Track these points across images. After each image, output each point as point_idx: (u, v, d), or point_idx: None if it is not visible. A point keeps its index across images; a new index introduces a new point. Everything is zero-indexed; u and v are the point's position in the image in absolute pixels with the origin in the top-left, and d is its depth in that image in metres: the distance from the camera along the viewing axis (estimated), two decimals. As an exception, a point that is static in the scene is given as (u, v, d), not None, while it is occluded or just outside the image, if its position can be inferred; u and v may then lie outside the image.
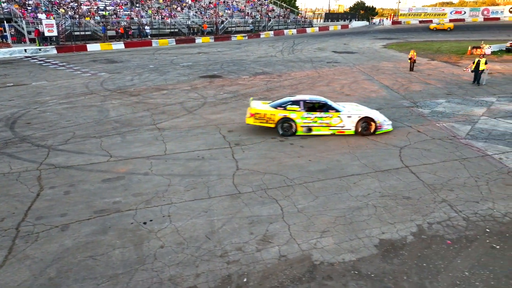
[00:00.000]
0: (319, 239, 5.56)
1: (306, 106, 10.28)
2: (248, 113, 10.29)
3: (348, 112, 10.39)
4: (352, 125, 10.24)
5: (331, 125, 10.23)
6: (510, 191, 7.04)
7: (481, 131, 10.55)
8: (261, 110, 10.24)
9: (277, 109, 10.23)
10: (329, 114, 10.18)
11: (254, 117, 10.17)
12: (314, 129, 10.24)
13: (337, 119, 10.18)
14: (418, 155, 8.80)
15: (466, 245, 5.47)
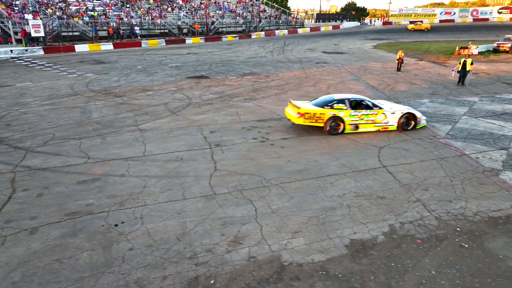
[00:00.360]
0: (290, 239, 5.56)
1: (351, 104, 10.44)
2: (296, 113, 10.20)
3: (391, 109, 10.76)
4: (395, 121, 10.60)
5: (376, 122, 10.54)
6: (484, 190, 7.10)
7: (461, 131, 10.65)
8: (311, 110, 10.22)
9: (324, 108, 10.30)
10: (374, 111, 10.47)
11: (304, 117, 10.14)
12: (360, 126, 10.46)
13: (382, 115, 10.51)
14: (397, 155, 8.84)
15: (435, 244, 5.50)
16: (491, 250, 5.36)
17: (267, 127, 11.04)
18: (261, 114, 12.53)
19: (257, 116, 12.34)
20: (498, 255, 5.25)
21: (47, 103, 14.14)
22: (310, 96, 15.49)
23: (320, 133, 10.41)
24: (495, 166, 8.19)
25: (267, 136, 10.19)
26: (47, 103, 14.22)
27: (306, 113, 10.13)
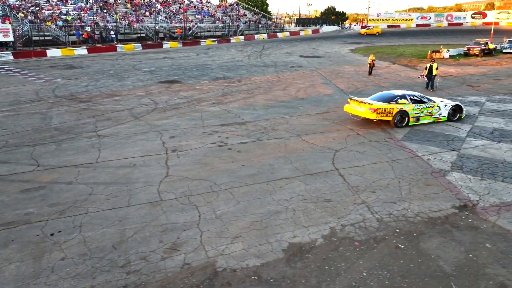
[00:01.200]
0: (228, 245, 5.52)
1: (412, 99, 11.58)
2: (368, 109, 11.07)
3: (441, 102, 12.12)
4: (446, 113, 11.93)
5: (432, 114, 11.78)
6: (429, 191, 7.23)
7: (418, 133, 10.85)
8: (382, 106, 11.17)
9: (391, 103, 11.30)
10: (431, 105, 11.74)
11: (376, 112, 11.01)
12: (421, 118, 11.63)
13: (437, 108, 11.81)
14: (351, 157, 8.94)
15: (372, 246, 5.55)
16: (425, 250, 5.45)
17: (229, 132, 11.02)
18: (225, 119, 12.50)
19: (221, 120, 12.31)
20: (430, 255, 5.34)
21: (7, 109, 13.76)
22: (278, 100, 15.59)
23: (279, 136, 10.46)
24: (444, 167, 8.36)
25: (226, 141, 10.16)
26: (8, 109, 13.84)
27: (379, 109, 11.08)
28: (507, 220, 6.20)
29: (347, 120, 12.33)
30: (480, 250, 5.45)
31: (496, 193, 7.13)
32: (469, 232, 5.91)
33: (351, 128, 11.35)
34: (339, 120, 12.21)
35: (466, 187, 7.37)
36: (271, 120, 12.33)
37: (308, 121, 12.22)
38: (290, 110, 13.67)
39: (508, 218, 6.25)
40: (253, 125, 11.76)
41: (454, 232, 5.90)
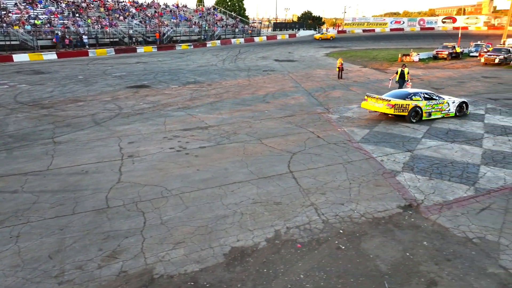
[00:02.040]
0: (169, 251, 5.46)
1: (424, 96, 12.60)
2: (386, 104, 11.95)
3: (450, 99, 13.17)
4: (453, 109, 12.99)
5: (442, 110, 12.80)
6: (377, 191, 7.37)
7: (376, 135, 11.08)
8: (399, 102, 12.11)
9: (406, 100, 12.28)
10: (441, 101, 12.76)
11: (394, 108, 11.97)
12: (432, 114, 12.62)
13: (446, 104, 12.86)
14: (308, 160, 9.02)
15: (314, 247, 5.60)
16: (365, 251, 5.53)
17: (190, 136, 10.95)
18: (188, 123, 12.42)
19: (184, 125, 12.22)
20: (369, 255, 5.42)
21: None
22: (245, 104, 15.63)
23: (240, 140, 10.48)
24: (396, 168, 8.55)
25: (185, 146, 10.09)
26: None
27: (396, 104, 12.00)
28: (446, 218, 6.38)
29: (310, 122, 12.47)
30: (417, 249, 5.58)
31: (441, 192, 7.33)
32: (410, 231, 6.04)
33: (312, 131, 11.48)
34: (302, 123, 12.33)
35: (414, 187, 7.55)
36: (235, 124, 12.33)
37: (271, 124, 12.29)
38: (255, 114, 13.72)
39: (448, 216, 6.43)
40: (215, 129, 11.73)
41: (395, 231, 6.03)
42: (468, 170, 8.40)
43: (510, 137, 10.81)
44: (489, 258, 5.32)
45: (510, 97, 16.79)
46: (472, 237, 5.84)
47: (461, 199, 7.03)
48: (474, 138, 10.71)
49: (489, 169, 8.46)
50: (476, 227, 6.10)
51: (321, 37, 55.40)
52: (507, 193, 7.27)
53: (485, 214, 6.52)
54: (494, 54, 30.34)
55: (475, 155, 9.31)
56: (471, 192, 7.32)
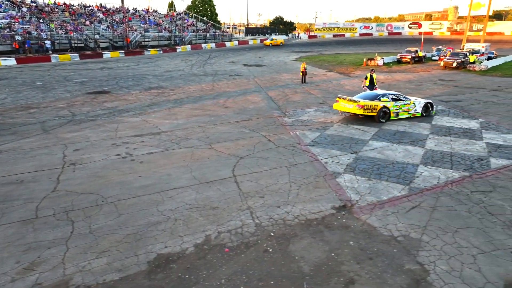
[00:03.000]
0: (92, 260, 5.32)
1: (392, 97, 13.23)
2: (357, 105, 12.53)
3: (416, 100, 13.86)
4: (420, 109, 13.68)
5: (409, 110, 13.47)
6: (315, 193, 7.48)
7: (326, 137, 11.27)
8: (368, 103, 12.67)
9: (375, 101, 12.84)
10: (407, 102, 13.45)
11: (363, 108, 12.53)
12: (400, 114, 13.25)
13: (413, 105, 13.54)
14: (253, 164, 9.06)
15: (242, 251, 5.60)
16: (291, 252, 5.58)
17: (139, 142, 10.78)
18: (141, 129, 12.23)
19: (136, 131, 12.02)
20: (295, 257, 5.48)
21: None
22: (204, 109, 15.56)
23: (189, 145, 10.41)
24: (338, 169, 8.71)
25: (132, 152, 9.92)
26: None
27: (366, 105, 12.58)
28: (377, 217, 6.55)
29: (264, 126, 12.55)
30: (343, 249, 5.68)
31: (376, 192, 7.53)
32: (339, 231, 6.15)
33: (265, 134, 11.55)
34: (256, 127, 12.39)
35: (352, 188, 7.71)
36: (189, 129, 12.25)
37: (225, 129, 12.28)
38: (212, 119, 13.68)
39: (379, 216, 6.60)
40: (168, 134, 11.61)
41: (325, 232, 6.12)
42: (406, 170, 8.67)
43: (453, 137, 11.25)
44: (409, 255, 5.49)
45: (460, 99, 17.50)
46: (397, 235, 6.01)
47: (394, 199, 7.24)
48: (419, 139, 11.09)
49: (427, 168, 8.77)
50: (403, 225, 6.29)
51: (271, 43, 55.51)
52: (438, 192, 7.54)
53: (414, 212, 6.73)
54: (453, 58, 31.64)
55: (416, 156, 9.63)
56: (405, 192, 7.55)
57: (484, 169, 8.72)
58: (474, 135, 11.47)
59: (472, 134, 11.58)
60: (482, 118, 13.63)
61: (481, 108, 15.42)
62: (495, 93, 19.13)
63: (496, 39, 64.00)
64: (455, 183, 7.96)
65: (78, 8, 48.31)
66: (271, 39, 56.79)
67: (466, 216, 6.57)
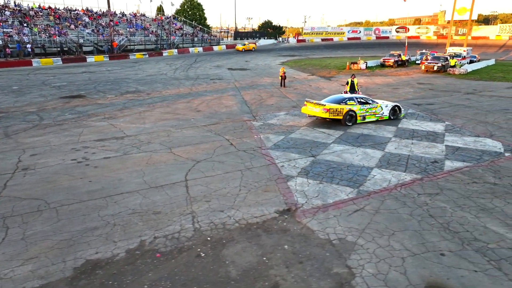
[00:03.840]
0: (16, 267, 5.22)
1: (358, 101, 13.23)
2: (322, 109, 12.61)
3: (384, 103, 13.91)
4: (387, 112, 13.75)
5: (376, 113, 13.51)
6: (263, 197, 7.45)
7: (289, 141, 11.27)
8: (334, 106, 12.71)
9: (341, 104, 12.82)
10: (374, 105, 13.48)
11: (329, 112, 12.59)
12: (366, 117, 13.28)
13: (380, 108, 13.58)
14: (209, 168, 9.01)
15: (173, 256, 5.54)
16: (224, 257, 5.53)
17: (100, 147, 10.68)
18: (106, 134, 12.13)
19: (100, 135, 11.92)
20: (225, 261, 5.43)
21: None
22: (175, 112, 15.51)
23: (149, 150, 10.34)
24: (292, 173, 8.70)
25: (89, 157, 9.83)
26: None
27: (331, 109, 12.61)
28: (318, 221, 6.53)
29: (231, 130, 12.53)
30: (276, 253, 5.65)
31: (324, 195, 7.52)
32: (277, 235, 6.12)
33: (228, 138, 11.53)
34: (222, 131, 12.36)
35: (301, 191, 7.70)
36: (154, 133, 12.18)
37: (191, 133, 12.24)
38: (180, 123, 13.63)
39: (320, 219, 6.59)
40: (131, 139, 11.53)
41: (262, 236, 6.09)
42: (360, 173, 8.69)
43: (414, 140, 11.33)
44: (340, 258, 5.48)
45: (433, 102, 17.67)
46: (334, 238, 6.00)
47: (339, 202, 7.24)
48: (381, 142, 11.14)
49: (380, 171, 8.80)
50: (341, 228, 6.28)
51: (243, 48, 54.95)
52: (385, 195, 7.56)
53: (356, 215, 6.73)
54: (433, 62, 32.00)
55: (373, 159, 9.67)
56: (353, 195, 7.56)
57: (437, 172, 8.77)
58: (436, 138, 11.56)
59: (434, 137, 11.67)
60: (448, 121, 13.76)
61: (450, 111, 15.58)
62: (468, 96, 19.36)
63: (481, 43, 64.91)
64: (404, 185, 7.99)
65: (63, 12, 48.09)
66: (243, 44, 56.03)
67: (407, 218, 6.59)
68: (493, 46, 61.44)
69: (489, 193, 7.61)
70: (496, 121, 13.83)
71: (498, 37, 65.20)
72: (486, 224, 6.38)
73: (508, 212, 6.78)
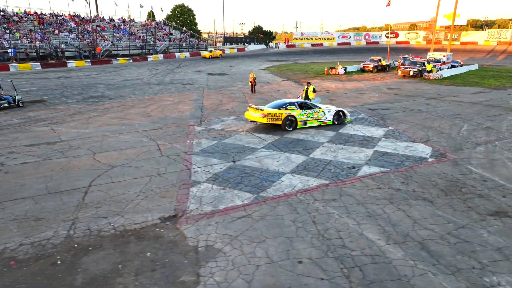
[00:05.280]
0: None
1: (300, 105, 13.11)
2: (260, 114, 12.55)
3: (327, 108, 13.85)
4: (331, 117, 13.68)
5: (319, 118, 13.43)
6: (156, 203, 7.36)
7: (219, 146, 11.19)
8: (272, 111, 12.69)
9: (281, 109, 12.75)
10: (316, 110, 13.41)
11: (267, 117, 12.54)
12: (308, 122, 13.17)
13: (322, 113, 13.49)
14: (120, 173, 8.92)
15: (28, 264, 5.45)
16: (79, 265, 5.42)
17: (25, 152, 10.62)
18: (40, 139, 12.07)
19: (34, 140, 11.87)
20: (78, 269, 5.33)
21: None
22: (125, 118, 15.46)
23: (73, 155, 10.28)
24: (201, 178, 8.59)
25: (7, 162, 9.76)
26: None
27: (269, 114, 12.58)
28: (196, 227, 6.44)
29: (168, 135, 12.47)
30: (134, 260, 5.55)
31: (219, 201, 7.43)
32: (147, 242, 6.03)
33: (161, 143, 11.46)
34: (159, 136, 12.30)
35: (198, 197, 7.61)
36: (89, 138, 12.13)
37: (127, 138, 12.18)
38: (122, 128, 13.58)
39: (200, 226, 6.49)
40: (63, 144, 11.47)
41: (131, 243, 5.99)
42: (269, 178, 8.60)
43: (346, 146, 11.24)
44: (195, 266, 5.38)
45: (390, 107, 17.60)
46: (202, 245, 5.91)
47: (230, 208, 7.14)
48: (311, 148, 11.05)
49: (291, 177, 8.71)
50: (216, 235, 6.19)
51: (210, 55, 53.45)
52: (281, 200, 7.47)
53: (239, 222, 6.64)
54: (410, 67, 32.01)
55: (292, 164, 9.58)
56: (249, 201, 7.47)
57: (348, 177, 8.68)
58: (369, 143, 11.47)
59: (368, 142, 11.59)
60: (393, 126, 13.69)
61: (401, 116, 15.51)
62: (429, 101, 19.30)
63: (469, 48, 65.09)
64: (307, 191, 7.89)
65: (49, 18, 48.35)
66: (209, 51, 53.52)
67: (287, 225, 6.49)
68: (481, 52, 61.52)
69: (386, 199, 7.52)
70: (440, 126, 13.76)
71: (486, 43, 65.35)
72: (364, 231, 6.28)
73: (393, 219, 6.69)
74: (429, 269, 5.25)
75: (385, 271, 5.21)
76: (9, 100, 17.70)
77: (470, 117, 15.30)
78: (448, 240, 6.00)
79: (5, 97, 17.68)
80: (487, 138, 12.10)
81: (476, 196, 7.69)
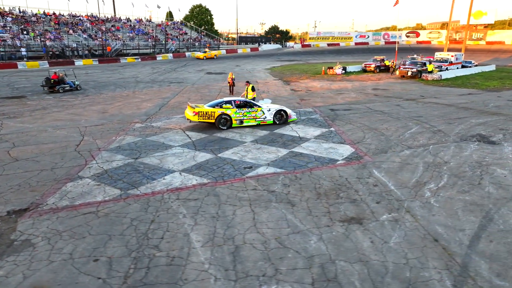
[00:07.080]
0: None
1: (236, 104, 12.93)
2: (192, 112, 12.45)
3: (267, 107, 13.50)
4: (271, 117, 13.35)
5: (257, 117, 13.17)
6: (21, 196, 7.43)
7: (137, 143, 11.13)
8: (204, 109, 12.60)
9: (215, 108, 12.66)
10: (254, 109, 13.14)
11: (198, 115, 12.46)
12: (244, 121, 12.97)
13: (261, 112, 13.20)
14: (17, 167, 9.11)
15: None
16: None
17: (-43, 144, 11.14)
18: None
19: (-24, 133, 12.42)
20: None
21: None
22: (80, 114, 15.83)
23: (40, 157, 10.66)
24: (88, 174, 8.62)
25: None
26: None
27: (200, 112, 12.49)
28: (33, 222, 6.45)
29: (103, 131, 12.63)
30: None
31: (82, 197, 7.41)
32: (-25, 233, 6.12)
33: (87, 139, 11.63)
34: (94, 132, 12.47)
35: (66, 192, 7.62)
36: (25, 133, 12.41)
37: (62, 133, 12.40)
38: (67, 123, 13.86)
39: (38, 221, 6.49)
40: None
41: (-40, 233, 6.11)
42: (154, 176, 8.47)
43: (266, 146, 10.89)
44: (-6, 259, 5.40)
45: (354, 108, 16.90)
46: (20, 239, 5.91)
47: (84, 204, 7.10)
48: (227, 147, 10.79)
49: (178, 175, 8.53)
50: (45, 230, 6.17)
51: (205, 56, 50.56)
52: (143, 198, 7.33)
53: (79, 218, 6.56)
54: (409, 67, 30.65)
55: (191, 163, 9.39)
56: (111, 197, 7.39)
57: (235, 177, 8.40)
58: (292, 144, 11.06)
59: (292, 143, 11.18)
60: (336, 127, 13.13)
61: (355, 117, 14.84)
62: (403, 103, 18.37)
63: (495, 48, 61.48)
64: (177, 190, 7.71)
65: (66, 18, 50.58)
66: (204, 51, 51.73)
67: (123, 223, 6.35)
68: (508, 52, 57.87)
69: (250, 200, 7.21)
70: (387, 128, 13.03)
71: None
72: (192, 232, 6.04)
73: (234, 221, 6.38)
74: (216, 274, 4.96)
75: (168, 274, 4.99)
76: (70, 84, 22.29)
77: (429, 119, 14.38)
78: (268, 245, 5.65)
79: (68, 82, 22.21)
80: (425, 142, 11.32)
81: (348, 201, 7.20)
